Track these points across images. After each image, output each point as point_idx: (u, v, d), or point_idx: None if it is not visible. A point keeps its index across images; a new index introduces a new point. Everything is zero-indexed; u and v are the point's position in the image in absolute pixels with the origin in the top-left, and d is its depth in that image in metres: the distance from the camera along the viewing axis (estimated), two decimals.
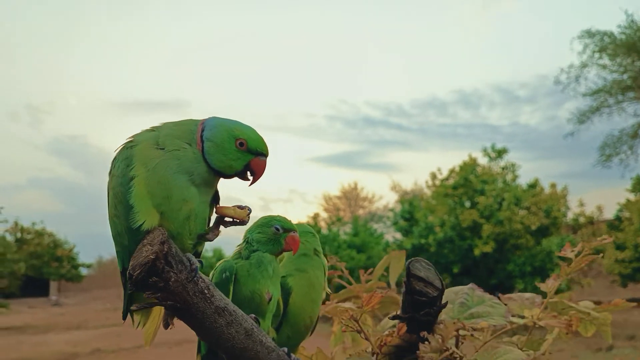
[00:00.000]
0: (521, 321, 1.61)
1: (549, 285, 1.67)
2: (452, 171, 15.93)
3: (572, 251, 1.68)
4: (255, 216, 1.18)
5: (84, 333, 16.86)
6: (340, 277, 2.22)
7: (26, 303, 31.73)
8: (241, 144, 0.98)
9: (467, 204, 15.35)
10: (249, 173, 1.03)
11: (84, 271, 30.00)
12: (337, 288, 2.13)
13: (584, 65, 21.66)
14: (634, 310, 15.66)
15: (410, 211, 16.81)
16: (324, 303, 1.51)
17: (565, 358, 9.03)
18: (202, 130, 0.98)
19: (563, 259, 1.70)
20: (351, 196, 39.05)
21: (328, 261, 2.11)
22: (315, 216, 20.18)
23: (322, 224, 21.95)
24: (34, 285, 33.19)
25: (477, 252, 13.95)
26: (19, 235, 25.37)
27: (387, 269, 2.29)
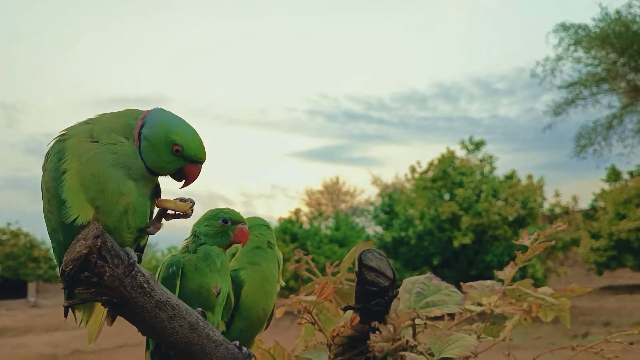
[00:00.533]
0: (479, 308, 1.63)
1: (506, 272, 1.69)
2: (431, 164, 16.07)
3: (529, 239, 1.71)
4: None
5: (63, 334, 16.62)
6: (307, 270, 2.21)
7: (4, 305, 31.13)
8: (177, 150, 0.96)
9: (446, 196, 15.51)
10: (180, 176, 1.01)
11: None
12: (306, 281, 2.13)
13: (559, 58, 21.99)
14: (609, 297, 16.05)
15: (390, 204, 16.92)
16: (288, 297, 1.51)
17: (542, 346, 9.20)
18: (142, 127, 0.96)
19: (520, 247, 1.72)
20: (333, 191, 39.12)
21: (295, 255, 2.11)
22: (297, 211, 20.17)
23: (304, 218, 21.96)
24: (11, 287, 32.55)
25: (456, 243, 14.12)
26: None
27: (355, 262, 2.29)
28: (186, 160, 0.98)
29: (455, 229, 14.56)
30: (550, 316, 1.92)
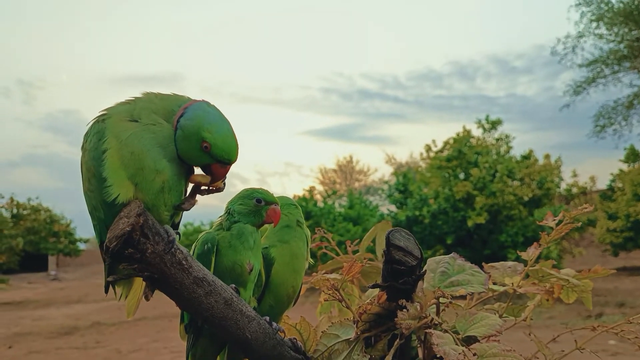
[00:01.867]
0: (501, 289, 1.64)
1: (530, 253, 1.70)
2: (446, 143, 15.94)
3: (554, 220, 1.71)
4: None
5: (84, 307, 17.08)
6: (327, 247, 2.24)
7: (25, 278, 31.98)
8: (205, 147, 0.96)
9: (461, 175, 15.42)
10: (207, 172, 1.02)
11: (81, 246, 30.13)
12: (325, 259, 2.16)
13: (580, 35, 21.47)
14: (624, 279, 15.95)
15: (404, 183, 16.88)
16: (311, 274, 1.54)
17: (555, 325, 9.23)
18: (182, 115, 0.97)
19: (544, 228, 1.72)
20: (346, 169, 39.10)
21: (316, 233, 2.13)
22: (311, 189, 20.24)
23: (318, 197, 22.03)
24: (32, 261, 33.38)
25: (470, 223, 14.08)
26: (15, 211, 25.34)
27: (374, 240, 2.31)
28: (213, 159, 0.99)
29: (470, 208, 14.50)
30: (573, 297, 1.93)
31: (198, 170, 1.04)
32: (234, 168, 1.03)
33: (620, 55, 21.31)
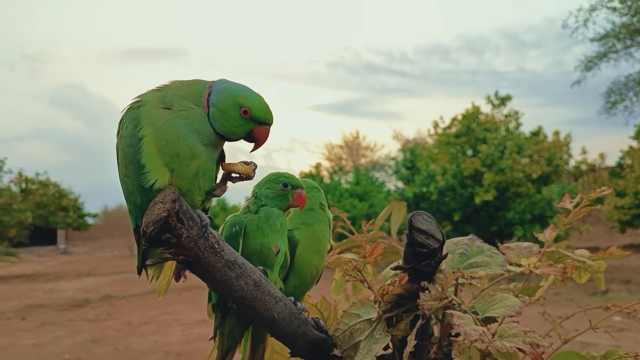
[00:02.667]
0: (518, 269, 1.66)
1: (547, 235, 1.71)
2: (454, 119, 15.82)
3: (571, 202, 1.72)
4: (260, 167, 1.20)
5: (94, 280, 17.37)
6: (342, 227, 2.27)
7: (35, 252, 32.49)
8: (245, 112, 0.99)
9: (469, 152, 15.35)
10: (250, 138, 1.04)
11: (90, 221, 30.47)
12: (339, 238, 2.19)
13: (593, 9, 21.01)
14: (630, 256, 15.99)
15: (412, 160, 16.85)
16: (328, 252, 1.57)
17: (561, 301, 9.32)
18: (209, 94, 0.99)
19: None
20: (353, 145, 38.98)
21: (331, 212, 2.16)
22: (318, 166, 20.25)
23: (325, 173, 22.07)
24: (41, 235, 33.86)
25: (477, 200, 14.08)
26: (23, 185, 25.58)
27: (388, 219, 2.33)
28: (254, 122, 1.01)
29: (478, 185, 14.48)
30: (585, 278, 1.95)
31: (228, 152, 1.05)
32: (239, 144, 1.05)
33: (632, 29, 20.88)
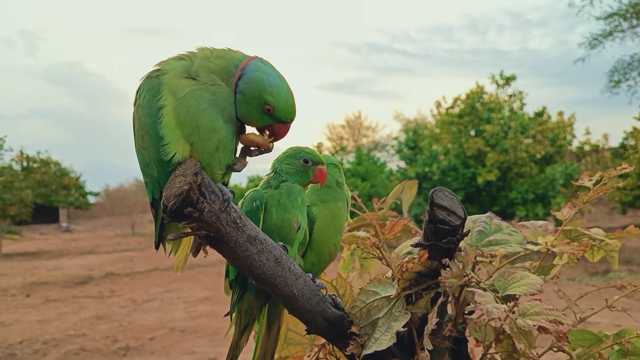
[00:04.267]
0: (535, 248, 1.64)
1: (565, 213, 1.69)
2: (457, 99, 15.70)
3: (590, 180, 1.68)
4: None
5: (96, 258, 17.49)
6: (353, 205, 2.24)
7: (37, 230, 32.68)
8: (268, 110, 0.96)
9: (472, 132, 15.27)
10: (269, 131, 1.02)
11: (91, 199, 30.53)
12: (350, 216, 2.16)
13: None
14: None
15: (414, 140, 16.78)
16: None
17: (563, 281, 9.37)
18: (240, 77, 0.95)
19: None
20: (355, 125, 38.81)
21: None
22: (319, 145, 20.20)
23: (326, 153, 22.01)
24: (44, 213, 33.99)
25: (480, 180, 14.07)
26: (25, 164, 25.54)
27: (398, 197, 2.31)
28: (275, 120, 0.98)
29: (480, 165, 14.45)
30: (598, 256, 1.93)
31: (249, 130, 1.02)
32: None
33: (639, 8, 20.58)
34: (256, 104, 0.95)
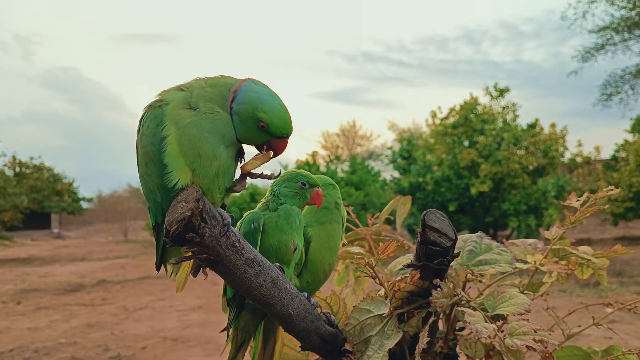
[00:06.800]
0: (524, 266, 1.69)
1: (553, 232, 1.73)
2: (452, 110, 15.83)
3: (578, 200, 1.73)
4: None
5: (88, 265, 17.37)
6: (347, 220, 2.28)
7: (29, 235, 32.42)
8: (262, 127, 1.00)
9: (466, 143, 15.39)
10: (268, 147, 1.06)
11: (84, 205, 30.36)
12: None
13: (592, 1, 20.99)
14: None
15: (408, 150, 16.88)
16: None
17: (554, 292, 9.42)
18: (233, 99, 0.99)
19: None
20: (349, 134, 38.94)
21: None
22: (314, 154, 20.25)
23: (321, 161, 22.07)
24: (35, 219, 33.75)
25: (473, 190, 14.16)
26: (17, 169, 25.42)
27: (392, 213, 2.35)
28: (271, 136, 1.02)
29: (474, 176, 14.55)
30: (587, 274, 1.98)
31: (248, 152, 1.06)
32: None
33: (631, 22, 20.89)
34: (251, 122, 0.99)
